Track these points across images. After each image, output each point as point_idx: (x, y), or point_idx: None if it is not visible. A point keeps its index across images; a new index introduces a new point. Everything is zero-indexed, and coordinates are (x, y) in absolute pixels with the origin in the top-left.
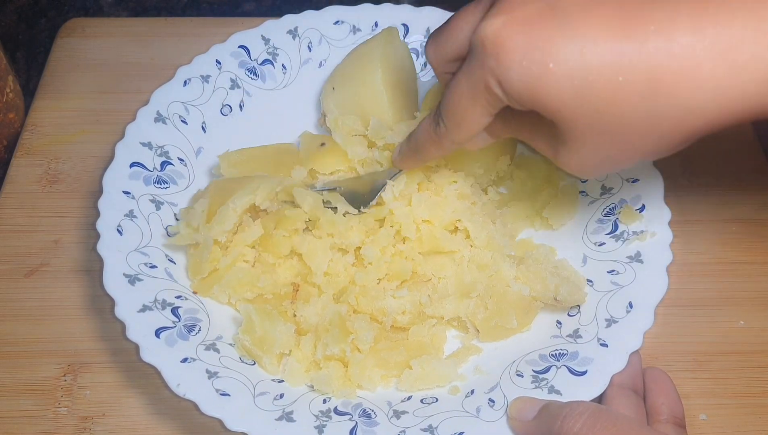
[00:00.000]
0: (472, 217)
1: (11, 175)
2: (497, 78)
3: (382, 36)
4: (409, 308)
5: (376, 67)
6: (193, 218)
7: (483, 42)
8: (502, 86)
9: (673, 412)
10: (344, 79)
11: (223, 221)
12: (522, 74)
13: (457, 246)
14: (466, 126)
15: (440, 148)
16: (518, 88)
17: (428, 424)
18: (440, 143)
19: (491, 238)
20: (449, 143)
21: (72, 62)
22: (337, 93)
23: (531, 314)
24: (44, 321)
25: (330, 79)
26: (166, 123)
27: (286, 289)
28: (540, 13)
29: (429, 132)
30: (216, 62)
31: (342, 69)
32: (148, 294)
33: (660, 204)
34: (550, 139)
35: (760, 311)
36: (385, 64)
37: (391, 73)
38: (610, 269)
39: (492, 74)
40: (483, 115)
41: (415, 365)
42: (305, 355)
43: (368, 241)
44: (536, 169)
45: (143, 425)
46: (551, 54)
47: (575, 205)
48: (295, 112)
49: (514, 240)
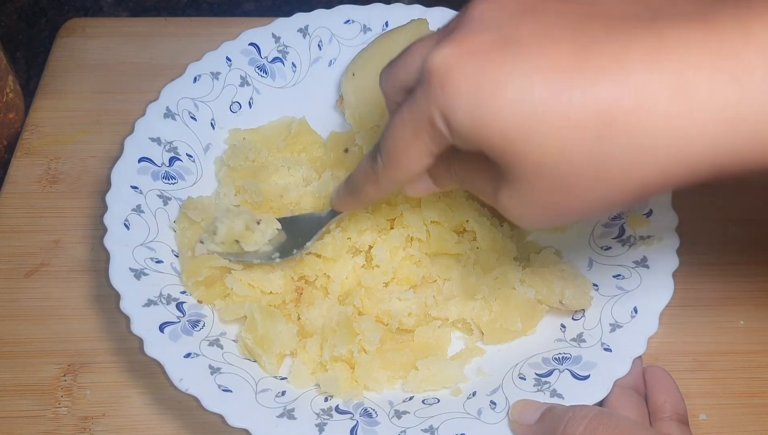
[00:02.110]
0: (480, 219)
1: (11, 175)
2: (442, 110)
3: (410, 27)
4: (415, 310)
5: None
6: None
7: (429, 71)
8: (447, 120)
9: (676, 409)
10: (365, 66)
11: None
12: (468, 106)
13: (464, 249)
14: (405, 165)
15: (378, 188)
16: (463, 122)
17: (429, 424)
18: (378, 183)
19: (497, 241)
20: (387, 183)
21: (72, 62)
22: (357, 79)
23: (536, 317)
24: (44, 321)
25: (352, 64)
26: (176, 119)
27: (290, 295)
28: (493, 43)
29: (366, 170)
30: (226, 59)
31: (365, 55)
32: (153, 289)
33: (668, 209)
34: (492, 180)
35: (760, 311)
36: None
37: None
38: (616, 274)
39: (436, 106)
40: (424, 154)
41: (421, 366)
42: (311, 357)
43: (380, 240)
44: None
45: (143, 425)
46: (499, 86)
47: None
48: (304, 110)
49: (521, 242)
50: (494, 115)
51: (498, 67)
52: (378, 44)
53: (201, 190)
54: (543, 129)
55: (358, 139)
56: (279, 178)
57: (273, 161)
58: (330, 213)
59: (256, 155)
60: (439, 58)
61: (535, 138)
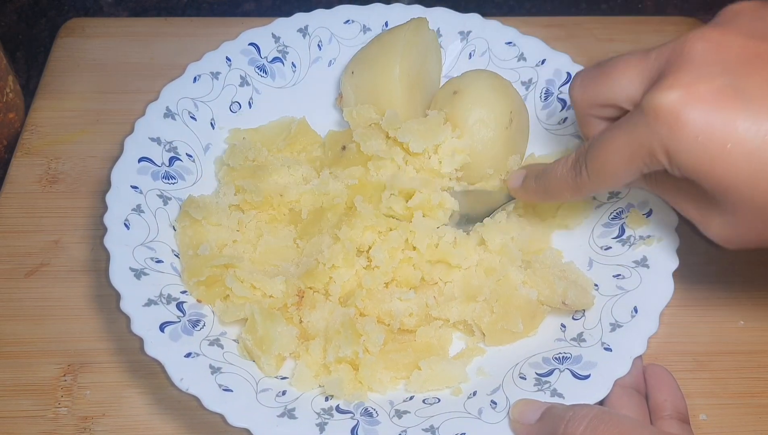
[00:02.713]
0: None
1: (11, 175)
2: (666, 148)
3: (409, 26)
4: (416, 310)
5: (395, 62)
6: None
7: (657, 111)
8: (669, 156)
9: (677, 407)
10: (364, 65)
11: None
12: (696, 150)
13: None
14: (611, 181)
15: (576, 194)
16: (687, 162)
17: (430, 424)
18: (578, 191)
19: (505, 246)
20: (587, 192)
21: (72, 62)
22: (356, 77)
23: (537, 319)
24: (44, 321)
25: (352, 62)
26: (175, 119)
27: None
28: (721, 91)
29: (566, 178)
30: (226, 59)
31: (364, 53)
32: (153, 288)
33: (667, 209)
34: (701, 205)
35: (760, 311)
36: (405, 59)
37: (411, 66)
38: (616, 273)
39: (660, 143)
40: (633, 174)
41: (424, 366)
42: (314, 360)
43: (379, 240)
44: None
45: (143, 425)
46: (730, 135)
47: (590, 203)
48: (303, 110)
49: (533, 246)
50: (724, 161)
51: (728, 117)
52: (378, 43)
53: (201, 190)
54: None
55: (355, 136)
56: (279, 178)
57: (273, 161)
58: (508, 196)
59: (256, 155)
60: (666, 99)
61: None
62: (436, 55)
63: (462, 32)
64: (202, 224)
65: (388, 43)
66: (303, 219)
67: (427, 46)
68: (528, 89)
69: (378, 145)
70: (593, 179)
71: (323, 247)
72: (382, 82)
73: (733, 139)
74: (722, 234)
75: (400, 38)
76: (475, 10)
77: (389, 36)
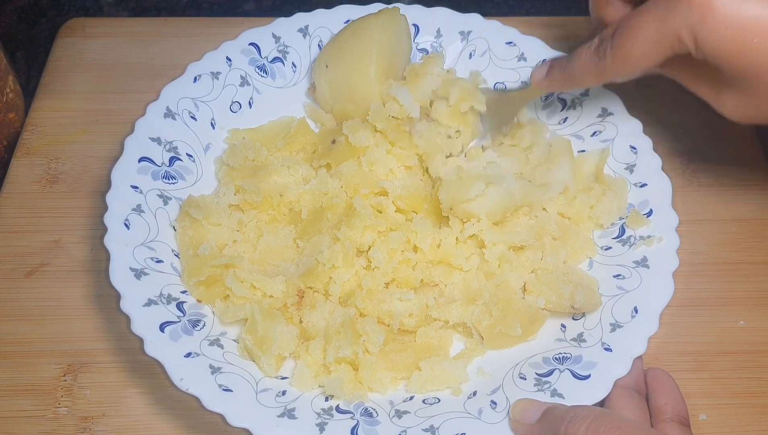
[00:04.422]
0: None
1: (11, 175)
2: (695, 34)
3: (380, 15)
4: (416, 311)
5: (371, 60)
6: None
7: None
8: (697, 42)
9: (677, 410)
10: (338, 59)
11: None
12: (725, 39)
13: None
14: (635, 65)
15: (599, 79)
16: (715, 50)
17: (430, 424)
18: (601, 75)
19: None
20: (610, 75)
21: (72, 62)
22: (330, 71)
23: (537, 323)
24: (44, 321)
25: (323, 55)
26: (176, 118)
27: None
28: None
29: (589, 63)
30: (226, 59)
31: (337, 45)
32: (153, 288)
33: (668, 209)
34: (717, 86)
35: (760, 311)
36: (381, 55)
37: (385, 60)
38: (616, 274)
39: (690, 30)
40: (659, 58)
41: (425, 367)
42: (314, 360)
43: (378, 241)
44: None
45: (143, 425)
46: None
47: (625, 198)
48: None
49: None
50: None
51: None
52: (350, 33)
53: (201, 190)
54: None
55: (344, 129)
56: (278, 177)
57: (272, 160)
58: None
59: (256, 155)
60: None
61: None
62: (407, 45)
63: (462, 32)
64: (202, 224)
65: (361, 34)
66: (303, 219)
67: (399, 33)
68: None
69: (366, 137)
70: (618, 63)
71: (323, 247)
72: (358, 79)
73: (761, 33)
74: (736, 112)
75: (373, 28)
76: (475, 10)
77: (360, 26)
